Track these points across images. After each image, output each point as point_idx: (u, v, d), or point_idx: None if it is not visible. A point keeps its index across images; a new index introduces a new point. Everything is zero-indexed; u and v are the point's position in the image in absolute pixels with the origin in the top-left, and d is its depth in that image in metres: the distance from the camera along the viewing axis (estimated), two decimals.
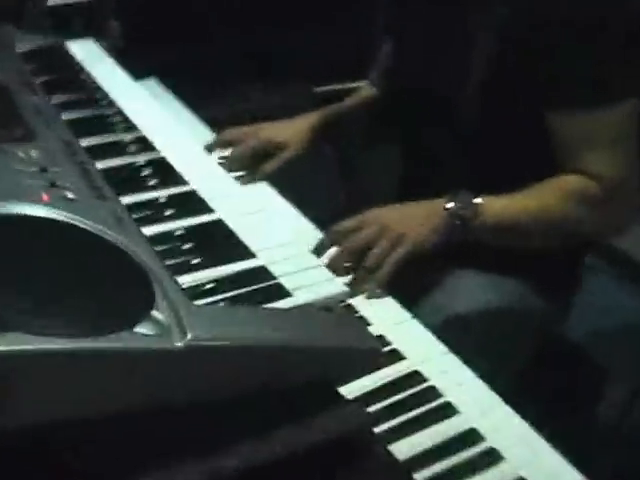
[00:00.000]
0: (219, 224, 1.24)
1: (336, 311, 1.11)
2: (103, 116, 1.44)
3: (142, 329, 0.82)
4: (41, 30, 1.77)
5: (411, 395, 1.03)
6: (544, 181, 1.38)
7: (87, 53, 1.71)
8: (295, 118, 1.62)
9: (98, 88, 1.52)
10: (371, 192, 2.09)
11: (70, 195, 1.03)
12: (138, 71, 1.89)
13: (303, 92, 2.66)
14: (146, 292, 0.88)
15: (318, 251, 1.23)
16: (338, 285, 1.16)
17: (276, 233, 1.25)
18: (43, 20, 1.90)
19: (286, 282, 1.14)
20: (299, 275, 1.16)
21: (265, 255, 1.19)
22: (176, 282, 0.97)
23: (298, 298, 1.11)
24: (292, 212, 1.37)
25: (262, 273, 1.16)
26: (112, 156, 1.35)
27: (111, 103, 1.46)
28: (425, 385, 1.05)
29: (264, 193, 1.40)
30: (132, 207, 1.25)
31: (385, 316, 1.16)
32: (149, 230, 1.21)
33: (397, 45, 1.62)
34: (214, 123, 1.68)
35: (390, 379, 1.05)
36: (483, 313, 1.41)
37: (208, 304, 1.09)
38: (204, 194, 1.30)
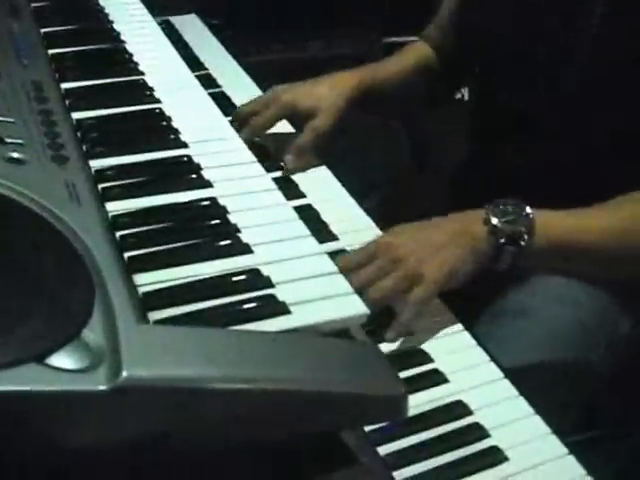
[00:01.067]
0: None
1: (355, 339, 0.81)
2: (104, 53, 1.17)
3: (60, 360, 0.58)
4: None
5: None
6: (622, 196, 1.03)
7: None
8: (324, 77, 1.24)
9: (105, 19, 1.25)
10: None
11: (16, 155, 0.79)
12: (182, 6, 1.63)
13: (369, 42, 2.37)
14: (80, 301, 0.63)
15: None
16: (356, 303, 0.77)
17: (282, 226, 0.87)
18: None
19: (284, 293, 0.76)
20: (304, 285, 0.77)
21: (262, 252, 0.81)
22: (131, 286, 0.71)
23: (298, 316, 0.73)
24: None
25: (255, 276, 0.78)
26: (105, 105, 1.01)
27: (119, 38, 1.19)
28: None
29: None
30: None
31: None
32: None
33: None
34: (270, 70, 1.39)
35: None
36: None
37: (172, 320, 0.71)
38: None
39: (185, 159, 0.93)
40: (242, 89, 1.29)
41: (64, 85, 1.02)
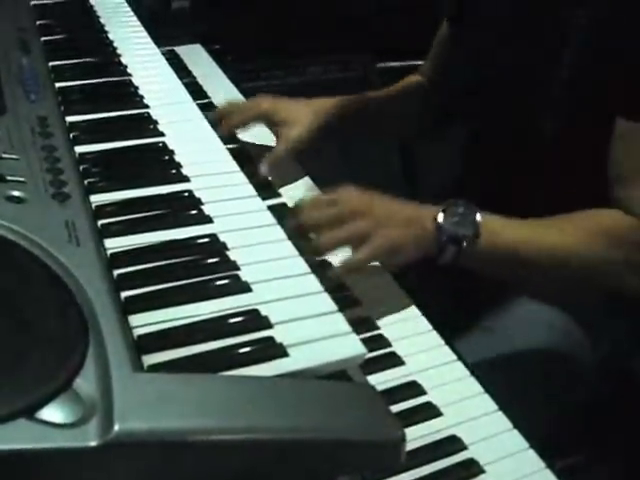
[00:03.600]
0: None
1: (352, 381, 0.75)
2: (110, 86, 1.13)
3: (51, 413, 0.53)
4: None
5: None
6: (575, 213, 1.01)
7: (113, 11, 1.40)
8: (310, 99, 1.23)
9: (112, 52, 1.21)
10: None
11: (17, 193, 0.74)
12: (183, 36, 1.60)
13: (365, 67, 2.34)
14: (73, 348, 0.59)
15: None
16: (355, 343, 0.72)
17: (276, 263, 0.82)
18: None
19: (282, 334, 0.70)
20: (303, 325, 0.72)
21: (261, 290, 0.76)
22: (127, 328, 0.66)
23: (296, 359, 0.68)
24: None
25: (253, 318, 0.72)
26: (109, 139, 0.96)
27: (125, 71, 1.15)
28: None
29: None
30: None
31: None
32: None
33: (460, 33, 1.28)
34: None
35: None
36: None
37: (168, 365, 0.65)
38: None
39: (186, 194, 0.88)
40: None
41: (69, 118, 0.98)
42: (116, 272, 0.73)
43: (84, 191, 0.81)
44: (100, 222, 0.79)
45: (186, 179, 0.91)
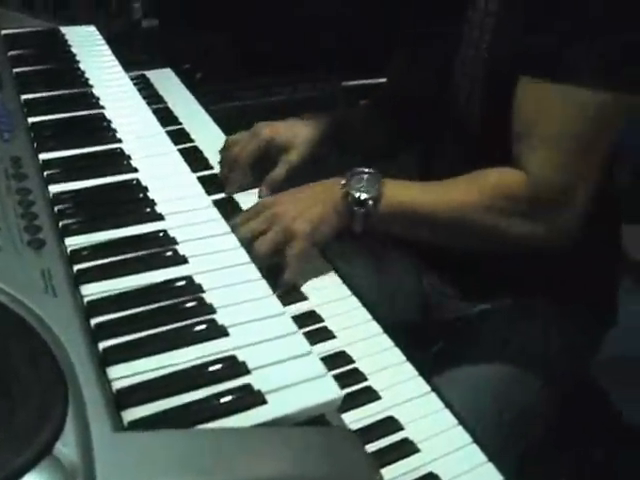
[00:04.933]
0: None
1: (330, 425, 0.72)
2: (83, 121, 1.10)
3: None
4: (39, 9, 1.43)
5: None
6: (474, 172, 1.06)
7: (84, 40, 1.37)
8: (300, 118, 1.28)
9: (84, 83, 1.18)
10: None
11: None
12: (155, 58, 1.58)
13: (331, 86, 2.35)
14: (52, 410, 0.57)
15: None
16: (332, 386, 0.70)
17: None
18: None
19: (260, 380, 0.68)
20: (280, 368, 0.70)
21: (238, 334, 0.74)
22: (106, 382, 0.64)
23: (275, 406, 0.66)
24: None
25: (231, 365, 0.70)
26: (83, 177, 0.93)
27: (98, 104, 1.12)
28: None
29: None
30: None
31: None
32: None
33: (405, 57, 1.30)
34: (240, 115, 1.34)
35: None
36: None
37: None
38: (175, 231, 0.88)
39: (161, 234, 0.86)
40: (213, 142, 1.26)
41: (43, 156, 0.95)
42: (93, 321, 0.71)
43: (59, 236, 0.79)
44: (76, 267, 0.77)
45: (160, 217, 0.89)
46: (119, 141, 1.03)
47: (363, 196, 1.02)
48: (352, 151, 1.38)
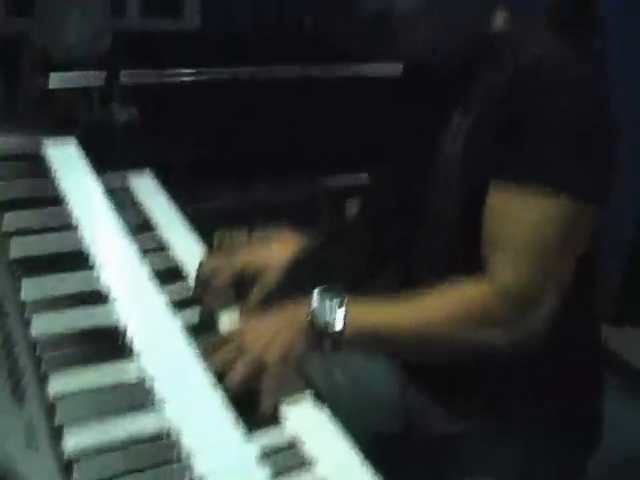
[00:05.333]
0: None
1: None
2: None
3: None
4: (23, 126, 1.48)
5: None
6: (441, 286, 1.06)
7: (65, 159, 1.42)
8: (275, 234, 1.33)
9: (66, 209, 1.22)
10: None
11: None
12: (134, 161, 1.63)
13: (309, 185, 2.41)
14: None
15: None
16: None
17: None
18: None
19: None
20: None
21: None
22: None
23: None
24: None
25: None
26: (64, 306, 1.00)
27: (76, 228, 1.17)
28: None
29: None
30: None
31: None
32: None
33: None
34: (218, 216, 1.39)
35: None
36: None
37: None
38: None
39: None
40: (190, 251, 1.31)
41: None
42: None
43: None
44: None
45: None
46: None
47: (328, 322, 1.02)
48: (328, 275, 1.42)
